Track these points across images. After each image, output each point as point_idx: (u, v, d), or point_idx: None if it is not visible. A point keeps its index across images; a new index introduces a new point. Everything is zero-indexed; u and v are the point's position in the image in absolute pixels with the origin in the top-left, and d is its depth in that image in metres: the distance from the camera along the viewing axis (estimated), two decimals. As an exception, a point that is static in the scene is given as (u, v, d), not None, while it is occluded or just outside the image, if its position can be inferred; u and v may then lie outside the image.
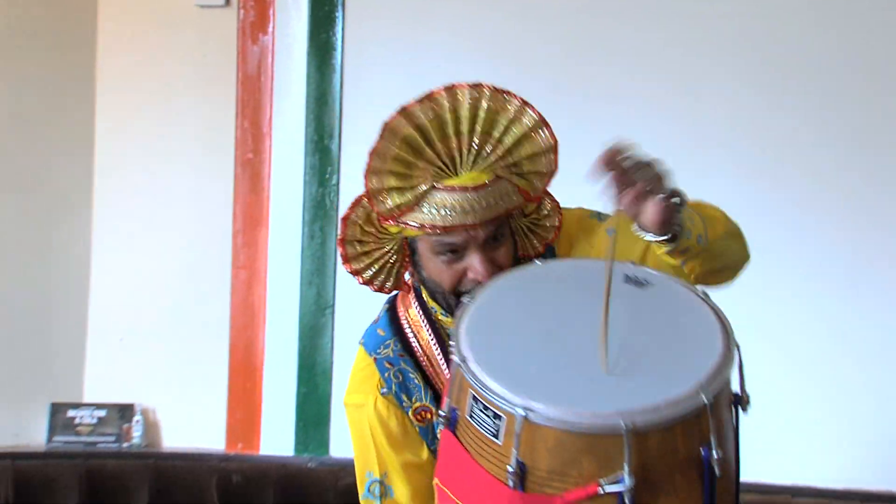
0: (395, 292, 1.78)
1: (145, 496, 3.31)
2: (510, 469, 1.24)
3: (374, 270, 1.68)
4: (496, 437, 1.27)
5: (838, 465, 3.03)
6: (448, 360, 1.61)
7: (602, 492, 1.21)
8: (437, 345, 1.68)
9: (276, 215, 3.57)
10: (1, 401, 3.52)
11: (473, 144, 1.58)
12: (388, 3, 3.49)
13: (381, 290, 1.72)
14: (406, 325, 1.73)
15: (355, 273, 1.68)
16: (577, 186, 1.57)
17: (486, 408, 1.28)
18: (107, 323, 3.69)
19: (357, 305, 1.92)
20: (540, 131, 1.60)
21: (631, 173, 1.41)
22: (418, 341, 1.71)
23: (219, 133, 3.57)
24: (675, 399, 1.23)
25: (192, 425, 3.60)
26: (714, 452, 1.25)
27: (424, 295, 1.71)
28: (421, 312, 1.71)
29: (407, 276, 1.72)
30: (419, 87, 1.53)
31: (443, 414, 1.39)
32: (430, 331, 1.70)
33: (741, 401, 1.35)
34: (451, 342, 1.43)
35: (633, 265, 1.50)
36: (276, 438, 3.48)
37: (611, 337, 1.36)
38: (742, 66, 3.21)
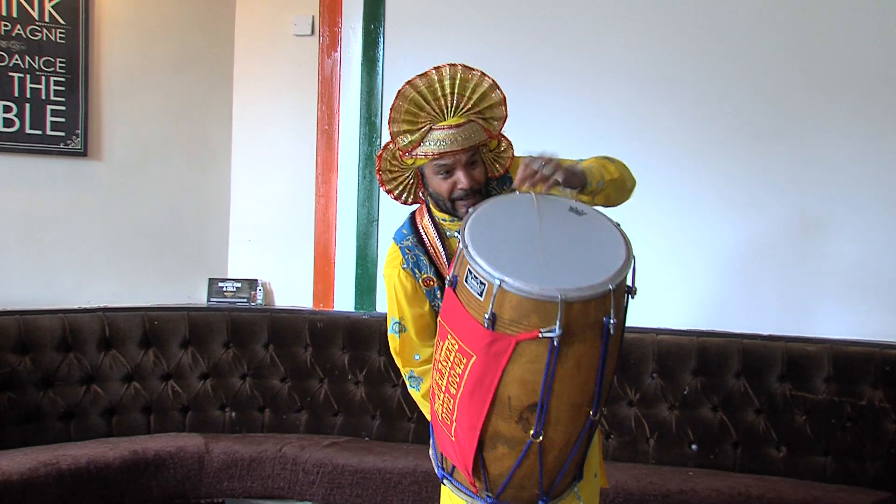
0: (414, 208, 2.16)
1: (265, 335, 4.02)
2: (487, 316, 1.56)
3: (399, 189, 2.10)
4: (481, 296, 1.59)
5: (685, 313, 3.69)
6: (445, 249, 2.06)
7: (541, 336, 1.55)
8: (438, 239, 2.08)
9: (342, 164, 4.18)
10: (179, 277, 4.31)
11: (453, 101, 1.94)
12: (414, 32, 4.02)
13: (406, 202, 2.13)
14: (420, 227, 2.11)
15: (389, 192, 2.10)
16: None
17: (476, 277, 1.60)
18: (240, 228, 4.43)
19: (391, 221, 2.37)
20: (494, 91, 1.99)
21: (542, 172, 1.79)
22: (427, 237, 2.10)
23: (307, 112, 4.25)
24: (593, 285, 1.57)
25: (292, 292, 4.31)
26: (612, 320, 1.59)
27: (432, 208, 2.09)
28: (430, 220, 2.11)
29: (421, 195, 2.10)
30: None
31: (448, 279, 1.69)
32: (434, 231, 2.09)
33: (631, 291, 1.68)
34: (458, 233, 1.85)
35: (577, 201, 1.81)
36: (344, 300, 4.19)
37: (557, 243, 1.66)
38: (629, 66, 3.77)
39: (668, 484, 3.24)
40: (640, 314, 3.50)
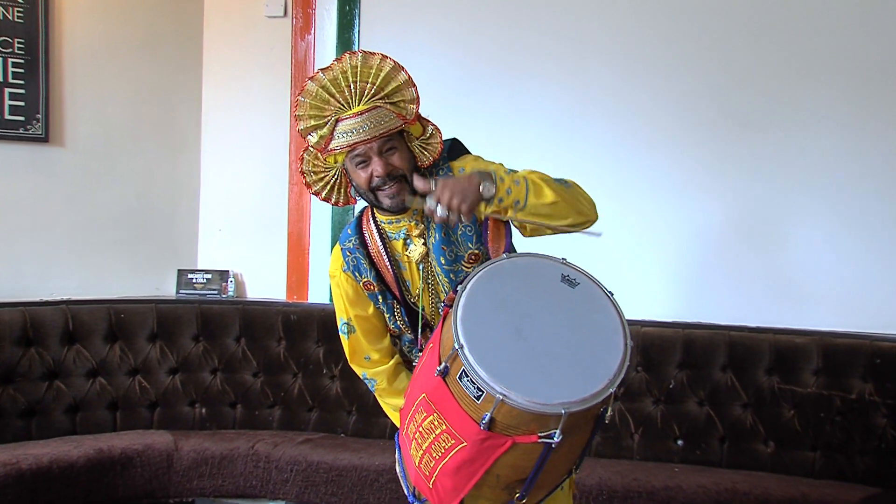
0: (362, 210, 2.14)
1: (237, 328, 3.96)
2: (483, 419, 1.56)
3: (326, 190, 2.08)
4: (477, 399, 1.57)
5: (670, 305, 3.69)
6: (387, 253, 2.06)
7: (539, 440, 1.57)
8: (380, 242, 2.08)
9: (316, 150, 4.28)
10: (147, 268, 4.29)
11: (357, 89, 1.92)
12: (390, 13, 4.00)
13: (336, 203, 2.10)
14: (364, 230, 2.10)
15: (315, 193, 2.08)
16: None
17: (473, 383, 1.57)
18: (211, 218, 4.42)
19: (365, 209, 2.14)
20: (399, 73, 1.95)
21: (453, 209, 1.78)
22: (371, 240, 2.09)
23: (280, 96, 4.21)
24: (596, 392, 1.57)
25: (265, 283, 4.29)
26: (609, 412, 1.64)
27: (376, 212, 2.07)
28: (373, 223, 2.09)
29: (353, 193, 2.07)
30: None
31: (438, 369, 1.64)
32: (377, 234, 2.08)
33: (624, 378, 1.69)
34: (399, 235, 1.97)
35: (569, 266, 1.75)
36: (317, 292, 4.16)
37: (554, 329, 1.62)
38: (612, 51, 3.77)
39: (653, 480, 3.21)
40: (624, 306, 3.48)
